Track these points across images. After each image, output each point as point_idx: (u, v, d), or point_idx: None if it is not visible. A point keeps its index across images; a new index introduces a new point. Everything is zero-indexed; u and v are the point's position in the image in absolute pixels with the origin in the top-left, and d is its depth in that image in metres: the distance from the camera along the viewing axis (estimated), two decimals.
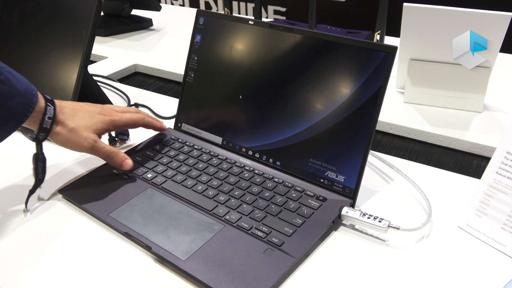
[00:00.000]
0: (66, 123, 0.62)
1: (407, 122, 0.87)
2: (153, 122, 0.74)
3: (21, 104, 0.56)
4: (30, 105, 0.57)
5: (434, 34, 0.85)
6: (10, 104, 0.55)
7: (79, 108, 0.65)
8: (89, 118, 0.65)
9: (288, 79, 0.67)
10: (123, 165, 0.67)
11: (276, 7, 2.62)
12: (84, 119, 0.64)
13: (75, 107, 0.65)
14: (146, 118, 0.72)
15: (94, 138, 0.64)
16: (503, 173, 0.56)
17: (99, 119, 0.66)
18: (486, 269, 0.53)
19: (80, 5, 0.81)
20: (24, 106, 0.57)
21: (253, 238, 0.56)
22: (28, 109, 0.57)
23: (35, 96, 0.58)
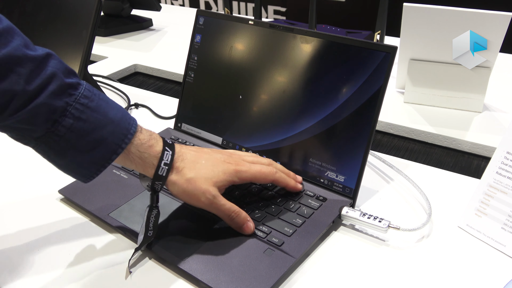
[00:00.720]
0: (184, 171, 0.54)
1: (407, 122, 0.87)
2: (285, 180, 0.61)
3: (114, 134, 0.50)
4: (126, 135, 0.51)
5: (434, 34, 0.85)
6: (101, 133, 0.49)
7: (202, 155, 0.57)
8: (211, 167, 0.56)
9: (288, 79, 0.67)
10: (243, 228, 0.56)
11: (276, 7, 2.62)
12: (205, 167, 0.55)
13: (197, 153, 0.57)
14: (278, 173, 0.60)
15: (214, 193, 0.54)
16: (503, 173, 0.56)
17: (222, 169, 0.56)
18: (486, 269, 0.53)
19: (80, 5, 0.81)
20: (118, 136, 0.50)
21: (253, 238, 0.56)
22: (123, 140, 0.50)
23: (132, 125, 0.52)
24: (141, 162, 0.52)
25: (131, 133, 0.51)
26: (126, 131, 0.51)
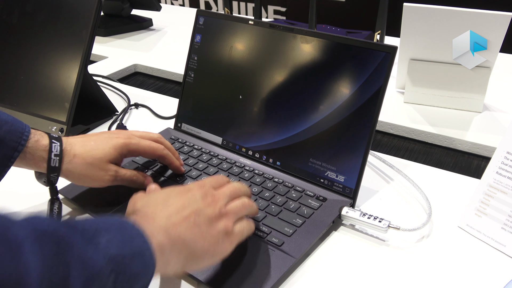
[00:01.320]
0: (78, 158, 0.56)
1: (407, 122, 0.87)
2: (172, 158, 0.65)
3: (10, 133, 0.52)
4: (23, 132, 0.53)
5: (434, 34, 0.85)
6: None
7: (90, 138, 0.59)
8: (101, 145, 0.58)
9: (288, 79, 0.67)
10: (146, 183, 0.62)
11: (276, 7, 2.62)
12: (96, 148, 0.58)
13: (85, 137, 0.59)
14: (165, 150, 0.64)
15: (114, 168, 0.58)
16: (503, 173, 0.56)
17: (112, 144, 0.59)
18: (486, 269, 0.53)
19: (80, 5, 0.81)
20: (15, 134, 0.53)
21: (253, 238, 0.55)
22: (21, 137, 0.53)
23: (26, 125, 0.54)
24: (32, 157, 0.54)
25: (27, 131, 0.54)
26: (21, 129, 0.54)
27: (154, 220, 0.43)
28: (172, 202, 0.46)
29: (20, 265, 0.29)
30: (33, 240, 0.31)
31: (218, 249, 0.47)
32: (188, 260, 0.44)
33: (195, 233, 0.45)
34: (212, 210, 0.47)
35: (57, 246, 0.32)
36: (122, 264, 0.36)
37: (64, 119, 0.80)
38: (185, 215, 0.45)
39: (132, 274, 0.37)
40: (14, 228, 0.31)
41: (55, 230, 0.34)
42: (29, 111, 0.83)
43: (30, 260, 0.30)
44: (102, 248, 0.36)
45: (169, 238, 0.42)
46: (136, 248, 0.38)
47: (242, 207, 0.51)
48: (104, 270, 0.35)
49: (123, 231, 0.39)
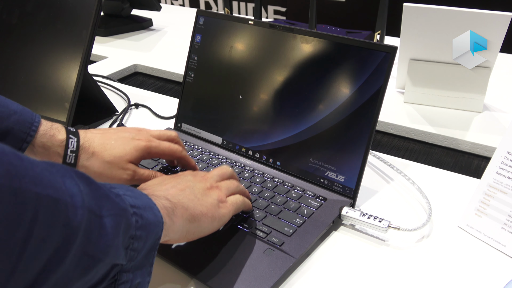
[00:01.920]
0: (96, 155, 0.56)
1: (407, 122, 0.87)
2: (189, 159, 0.64)
3: (19, 123, 0.51)
4: (32, 123, 0.52)
5: (434, 34, 0.85)
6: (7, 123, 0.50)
7: (110, 136, 0.58)
8: (122, 146, 0.57)
9: (288, 79, 0.67)
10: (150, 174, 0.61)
11: (276, 7, 2.62)
12: (116, 147, 0.57)
13: (104, 134, 0.58)
14: (183, 152, 0.63)
15: (133, 167, 0.58)
16: (503, 173, 0.56)
17: (134, 146, 0.58)
18: (486, 269, 0.53)
19: (80, 5, 0.81)
20: (24, 125, 0.52)
21: (253, 238, 0.56)
22: (30, 127, 0.52)
23: (36, 116, 0.53)
24: (46, 152, 0.53)
25: (37, 121, 0.53)
26: (31, 119, 0.52)
27: (154, 192, 0.47)
28: (167, 182, 0.51)
29: (68, 189, 0.32)
30: (73, 174, 0.34)
31: (216, 214, 0.50)
32: (190, 222, 0.47)
33: (192, 199, 0.49)
34: (204, 184, 0.52)
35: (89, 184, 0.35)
36: (139, 211, 0.39)
37: (64, 119, 0.80)
38: (180, 187, 0.50)
39: (147, 221, 0.40)
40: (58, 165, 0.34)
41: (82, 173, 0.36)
42: None
43: (75, 187, 0.33)
44: (122, 196, 0.39)
45: (170, 202, 0.46)
46: (145, 203, 0.41)
47: (231, 184, 0.55)
48: (128, 210, 0.38)
49: (132, 190, 0.42)
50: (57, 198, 0.31)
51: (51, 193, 0.30)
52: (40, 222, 0.29)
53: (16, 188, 0.28)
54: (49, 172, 0.32)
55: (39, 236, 0.29)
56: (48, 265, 0.30)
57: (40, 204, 0.29)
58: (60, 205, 0.31)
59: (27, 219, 0.28)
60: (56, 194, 0.31)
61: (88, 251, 0.33)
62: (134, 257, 0.38)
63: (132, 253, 0.38)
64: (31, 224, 0.28)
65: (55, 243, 0.30)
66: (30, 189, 0.29)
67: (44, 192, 0.30)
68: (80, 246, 0.32)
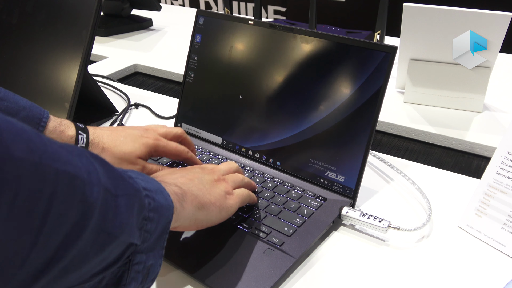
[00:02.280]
0: (107, 151, 0.56)
1: (407, 122, 0.87)
2: (195, 160, 0.65)
3: (28, 119, 0.52)
4: (41, 119, 0.53)
5: (434, 34, 0.85)
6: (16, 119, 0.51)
7: (119, 133, 0.59)
8: (131, 142, 0.58)
9: (288, 79, 0.67)
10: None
11: (276, 7, 2.62)
12: (126, 144, 0.58)
13: (113, 131, 0.60)
14: (190, 153, 0.64)
15: (142, 163, 0.59)
16: (503, 173, 0.56)
17: (142, 143, 0.59)
18: (486, 269, 0.53)
19: (80, 5, 0.81)
20: (33, 120, 0.52)
21: (253, 238, 0.56)
22: (39, 123, 0.53)
23: (44, 111, 0.54)
24: None
25: (45, 117, 0.53)
26: (39, 115, 0.53)
27: (164, 179, 0.47)
28: (176, 172, 0.53)
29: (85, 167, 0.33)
30: (88, 155, 0.35)
31: (224, 204, 0.51)
32: (199, 210, 0.48)
33: (201, 188, 0.50)
34: (212, 176, 0.54)
35: (104, 165, 0.36)
36: (151, 194, 0.40)
37: (64, 119, 0.80)
38: (189, 177, 0.51)
39: (159, 204, 0.40)
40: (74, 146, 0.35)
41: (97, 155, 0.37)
42: None
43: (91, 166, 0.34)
44: (135, 178, 0.40)
45: (180, 189, 0.47)
46: (156, 187, 0.42)
47: (237, 177, 0.57)
48: (141, 191, 0.39)
49: (142, 174, 0.43)
50: (75, 174, 0.31)
51: (69, 169, 0.31)
52: (58, 197, 0.29)
53: (36, 163, 0.28)
54: (67, 150, 0.32)
55: (58, 210, 0.29)
56: (66, 240, 0.31)
57: (58, 179, 0.30)
58: (77, 181, 0.31)
59: (47, 193, 0.29)
60: (74, 171, 0.31)
61: (104, 227, 0.34)
62: (147, 239, 0.39)
63: (146, 234, 0.39)
64: (51, 199, 0.29)
65: (72, 218, 0.31)
66: (50, 164, 0.29)
67: (62, 168, 0.30)
68: (97, 223, 0.33)
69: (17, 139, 0.28)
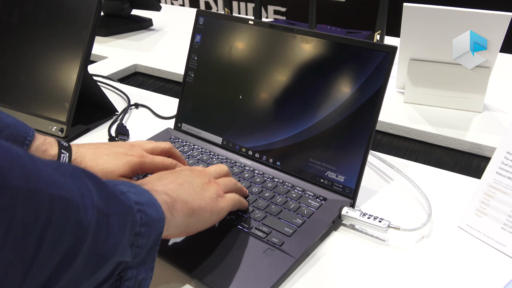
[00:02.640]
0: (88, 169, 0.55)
1: (407, 122, 0.87)
2: None
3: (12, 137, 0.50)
4: (26, 137, 0.52)
5: (434, 34, 0.85)
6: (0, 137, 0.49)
7: (102, 151, 0.57)
8: (114, 160, 0.56)
9: (288, 79, 0.67)
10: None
11: (276, 7, 2.62)
12: (109, 162, 0.56)
13: (97, 149, 0.58)
14: (178, 165, 0.62)
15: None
16: (503, 173, 0.56)
17: (126, 161, 0.57)
18: (486, 269, 0.53)
19: (80, 5, 0.81)
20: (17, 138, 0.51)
21: (253, 238, 0.56)
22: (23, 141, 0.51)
23: (30, 129, 0.53)
24: None
25: (31, 135, 0.52)
26: (25, 133, 0.52)
27: (153, 187, 0.47)
28: (165, 177, 0.51)
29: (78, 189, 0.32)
30: (81, 173, 0.35)
31: (215, 207, 0.51)
32: (190, 216, 0.47)
33: (191, 194, 0.49)
34: (202, 179, 0.53)
35: (96, 183, 0.35)
36: (143, 208, 0.40)
37: (64, 119, 0.80)
38: (179, 182, 0.50)
39: (151, 218, 0.40)
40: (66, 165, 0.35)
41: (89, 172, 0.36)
42: (29, 111, 0.83)
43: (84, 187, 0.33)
44: (126, 193, 0.39)
45: (170, 197, 0.46)
46: (148, 199, 0.42)
47: (229, 181, 0.56)
48: (133, 208, 0.38)
49: (134, 186, 0.42)
50: (69, 198, 0.31)
51: (63, 194, 0.30)
52: (53, 223, 0.29)
53: (31, 190, 0.28)
54: (60, 173, 0.32)
55: (52, 237, 0.29)
56: (60, 266, 0.30)
57: (53, 205, 0.29)
58: (72, 205, 0.31)
59: (41, 220, 0.28)
60: (68, 195, 0.31)
61: (97, 250, 0.33)
62: (138, 254, 0.39)
63: (137, 250, 0.38)
64: (45, 226, 0.28)
65: (67, 244, 0.30)
66: (44, 190, 0.29)
67: (57, 193, 0.30)
68: (90, 246, 0.32)
69: (13, 166, 0.27)
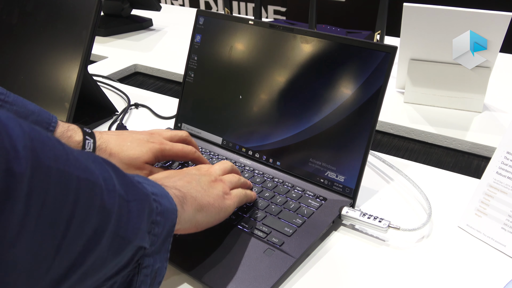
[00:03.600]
0: (114, 155, 0.57)
1: (407, 122, 0.87)
2: (202, 159, 0.65)
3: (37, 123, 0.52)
4: (50, 123, 0.53)
5: (434, 34, 0.85)
6: None
7: (125, 138, 0.59)
8: (138, 147, 0.58)
9: (288, 79, 0.67)
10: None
11: (276, 7, 2.62)
12: (132, 149, 0.58)
13: (120, 136, 0.59)
14: (197, 153, 0.64)
15: (150, 168, 0.59)
16: (503, 173, 0.56)
17: (149, 148, 0.59)
18: (486, 269, 0.53)
19: (80, 5, 0.81)
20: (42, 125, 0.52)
21: (253, 238, 0.56)
22: (47, 128, 0.53)
23: (53, 116, 0.54)
24: None
25: (54, 121, 0.53)
26: (48, 120, 0.53)
27: (163, 183, 0.47)
28: (174, 175, 0.52)
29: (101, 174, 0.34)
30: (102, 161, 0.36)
31: (222, 204, 0.52)
32: (199, 211, 0.48)
33: (199, 190, 0.50)
34: (208, 177, 0.54)
35: (115, 170, 0.37)
36: (158, 198, 0.41)
37: (64, 119, 0.80)
38: (187, 180, 0.51)
39: (165, 208, 0.41)
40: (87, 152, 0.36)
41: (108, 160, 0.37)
42: None
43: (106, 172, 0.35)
44: (142, 183, 0.40)
45: (181, 192, 0.47)
46: (161, 191, 0.43)
47: (233, 178, 0.57)
48: (150, 196, 0.39)
49: (147, 179, 0.43)
50: (94, 181, 0.32)
51: (89, 177, 0.32)
52: (80, 204, 0.30)
53: (62, 171, 0.29)
54: (84, 158, 0.33)
55: (80, 217, 0.30)
56: (87, 245, 0.31)
57: (80, 186, 0.30)
58: (96, 188, 0.32)
59: (71, 200, 0.29)
60: (92, 178, 0.32)
61: (120, 232, 0.34)
62: (155, 242, 0.40)
63: (153, 238, 0.39)
64: (74, 205, 0.30)
65: (93, 224, 0.32)
66: (73, 172, 0.30)
67: (83, 175, 0.31)
68: (113, 228, 0.34)
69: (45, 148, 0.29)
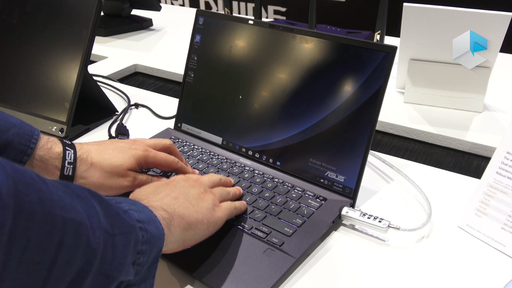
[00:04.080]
0: (95, 165, 0.55)
1: (407, 122, 0.87)
2: (184, 169, 0.63)
3: (19, 136, 0.51)
4: (32, 135, 0.52)
5: (434, 34, 0.85)
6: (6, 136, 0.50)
7: (107, 146, 0.58)
8: (120, 154, 0.57)
9: (288, 79, 0.67)
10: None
11: (276, 7, 2.62)
12: (115, 156, 0.57)
13: (101, 145, 0.58)
14: (180, 163, 0.62)
15: (132, 174, 0.57)
16: (503, 173, 0.56)
17: (132, 154, 0.58)
18: (486, 269, 0.53)
19: (80, 5, 0.81)
20: (24, 137, 0.51)
21: (253, 238, 0.56)
22: (30, 140, 0.52)
23: (35, 129, 0.53)
24: (44, 165, 0.53)
25: (36, 134, 0.53)
26: (30, 132, 0.52)
27: (150, 203, 0.47)
28: (161, 190, 0.51)
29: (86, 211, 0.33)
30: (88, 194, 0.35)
31: (212, 218, 0.51)
32: (186, 230, 0.48)
33: (187, 207, 0.49)
34: (198, 189, 0.53)
35: (101, 203, 0.36)
36: (144, 226, 0.40)
37: (64, 119, 0.80)
38: (174, 195, 0.50)
39: (152, 235, 0.41)
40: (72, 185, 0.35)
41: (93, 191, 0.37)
42: (29, 111, 0.83)
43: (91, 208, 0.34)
44: (129, 211, 0.40)
45: (167, 212, 0.46)
46: (148, 216, 0.42)
47: (222, 190, 0.57)
48: (136, 225, 0.39)
49: (135, 204, 0.43)
50: (80, 221, 0.32)
51: (74, 216, 0.31)
52: (65, 245, 0.30)
53: (46, 213, 0.29)
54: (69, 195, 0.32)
55: (64, 259, 0.30)
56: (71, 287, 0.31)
57: (65, 227, 0.30)
58: (82, 227, 0.32)
59: (55, 242, 0.29)
60: (78, 217, 0.32)
61: (104, 270, 0.34)
62: (140, 271, 0.39)
63: (138, 268, 0.39)
64: (58, 248, 0.29)
65: (77, 265, 0.31)
66: (57, 214, 0.30)
67: (68, 215, 0.31)
68: (98, 267, 0.33)
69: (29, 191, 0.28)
